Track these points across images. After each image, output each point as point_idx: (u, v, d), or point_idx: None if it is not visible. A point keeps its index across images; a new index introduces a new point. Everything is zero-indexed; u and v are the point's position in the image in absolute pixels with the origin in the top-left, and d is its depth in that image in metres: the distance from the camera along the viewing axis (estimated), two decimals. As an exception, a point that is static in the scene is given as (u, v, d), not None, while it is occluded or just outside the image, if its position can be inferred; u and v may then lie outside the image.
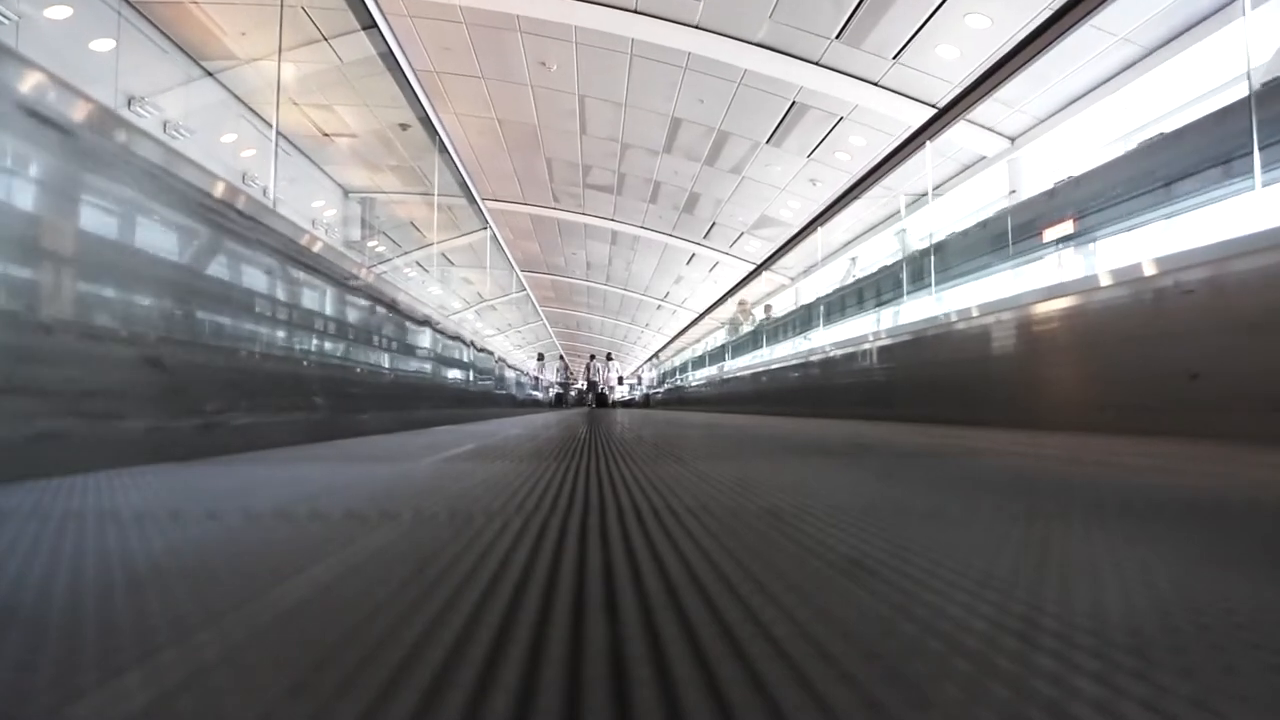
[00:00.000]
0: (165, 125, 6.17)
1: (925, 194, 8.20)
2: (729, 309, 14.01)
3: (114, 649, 0.48)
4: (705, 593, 0.62)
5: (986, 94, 4.98)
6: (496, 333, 17.64)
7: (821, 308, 8.45)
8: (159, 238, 2.02)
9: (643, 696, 0.40)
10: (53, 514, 1.01)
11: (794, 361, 7.89)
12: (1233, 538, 0.91)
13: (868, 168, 7.59)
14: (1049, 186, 4.77)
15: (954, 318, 4.46)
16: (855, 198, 7.59)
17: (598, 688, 0.42)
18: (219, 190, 2.28)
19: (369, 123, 8.31)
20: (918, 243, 6.58)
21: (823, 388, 6.75)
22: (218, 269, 2.32)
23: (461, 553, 0.78)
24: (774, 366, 8.78)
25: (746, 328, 12.94)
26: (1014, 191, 7.28)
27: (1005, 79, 4.68)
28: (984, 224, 5.43)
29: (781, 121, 9.12)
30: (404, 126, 7.71)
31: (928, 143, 5.81)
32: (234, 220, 2.38)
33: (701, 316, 15.63)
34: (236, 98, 6.77)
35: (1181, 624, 0.53)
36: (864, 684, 0.42)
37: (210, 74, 6.51)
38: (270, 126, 5.40)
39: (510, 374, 10.98)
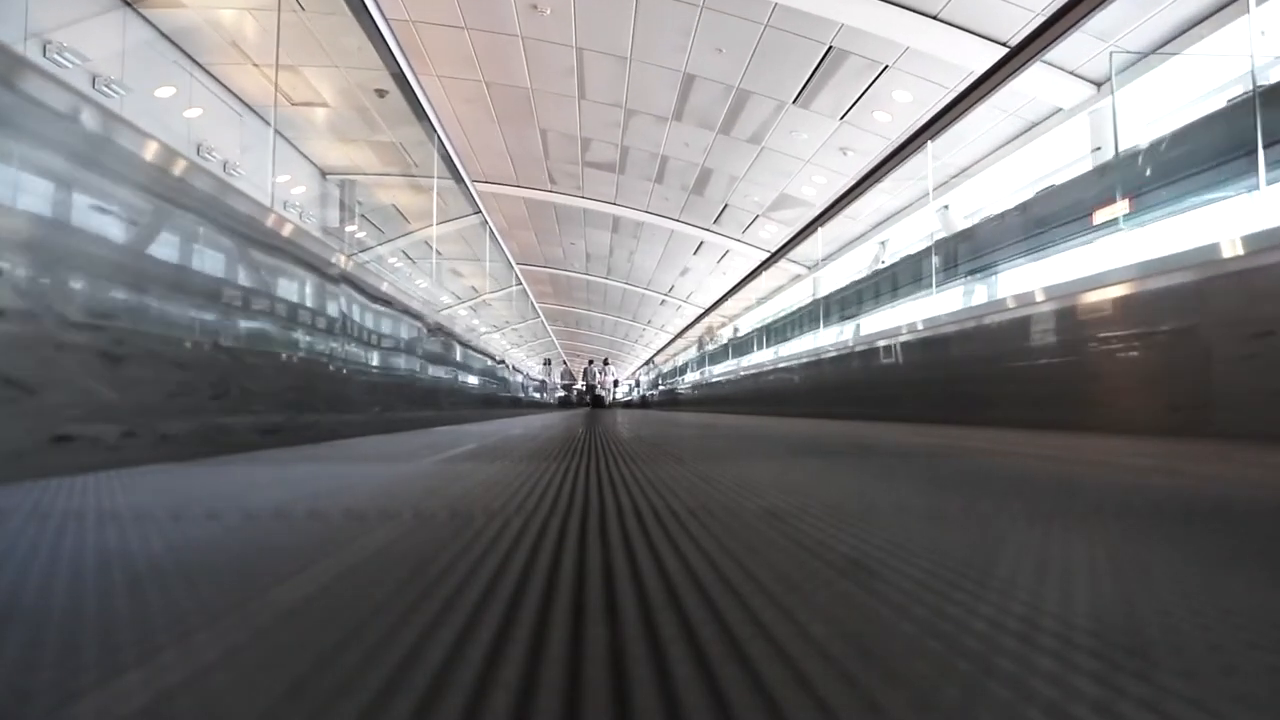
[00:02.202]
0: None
1: (968, 168, 7.05)
2: (717, 318, 14.16)
3: (114, 649, 0.48)
4: (705, 593, 0.62)
5: (1082, 19, 3.84)
6: (491, 329, 17.41)
7: (831, 304, 8.15)
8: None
9: (643, 697, 0.40)
10: (53, 514, 1.01)
11: (793, 364, 7.81)
12: (1232, 538, 0.91)
13: (913, 129, 6.30)
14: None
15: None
16: (890, 171, 6.45)
17: (598, 688, 0.42)
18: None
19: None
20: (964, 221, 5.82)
21: (821, 389, 6.70)
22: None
23: (461, 553, 0.78)
24: (775, 369, 8.74)
25: (710, 348, 13.55)
26: (1098, 149, 6.07)
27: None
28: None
29: (813, 74, 7.57)
30: (381, 93, 6.71)
31: (995, 90, 4.79)
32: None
33: (705, 313, 15.43)
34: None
35: (1182, 624, 0.53)
36: (864, 684, 0.42)
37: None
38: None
39: (518, 378, 11.78)
